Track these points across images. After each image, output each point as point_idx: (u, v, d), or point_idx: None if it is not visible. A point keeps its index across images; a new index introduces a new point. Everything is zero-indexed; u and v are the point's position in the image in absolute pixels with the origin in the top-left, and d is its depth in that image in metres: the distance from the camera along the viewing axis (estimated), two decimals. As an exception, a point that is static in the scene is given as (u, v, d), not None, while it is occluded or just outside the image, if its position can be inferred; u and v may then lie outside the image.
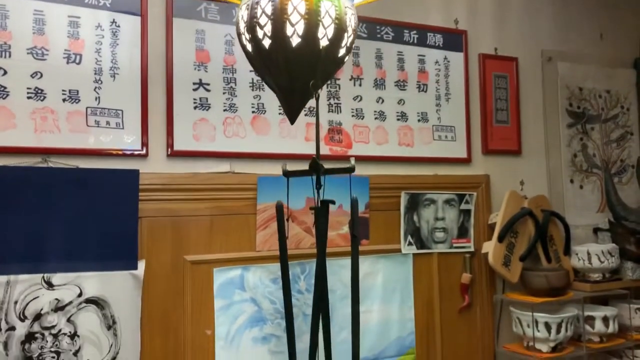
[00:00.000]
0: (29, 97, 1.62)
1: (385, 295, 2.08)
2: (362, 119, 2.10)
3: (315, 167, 1.50)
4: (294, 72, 1.34)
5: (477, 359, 2.22)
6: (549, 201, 2.39)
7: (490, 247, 2.17)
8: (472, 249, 2.24)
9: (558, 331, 2.08)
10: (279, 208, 1.59)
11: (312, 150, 1.98)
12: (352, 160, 1.52)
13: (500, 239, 2.17)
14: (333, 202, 1.54)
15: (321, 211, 1.54)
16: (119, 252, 1.67)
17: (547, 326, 2.08)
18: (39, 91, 1.63)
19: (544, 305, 2.12)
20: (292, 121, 1.45)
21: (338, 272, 1.99)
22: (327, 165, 1.93)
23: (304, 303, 1.95)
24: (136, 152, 1.75)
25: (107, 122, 1.71)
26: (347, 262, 1.76)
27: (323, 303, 1.58)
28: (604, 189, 2.55)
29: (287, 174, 1.59)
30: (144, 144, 1.75)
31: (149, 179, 1.73)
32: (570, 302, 2.22)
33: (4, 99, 1.59)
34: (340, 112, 2.07)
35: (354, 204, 1.54)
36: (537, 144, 2.49)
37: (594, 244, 2.40)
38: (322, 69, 1.36)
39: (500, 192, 2.31)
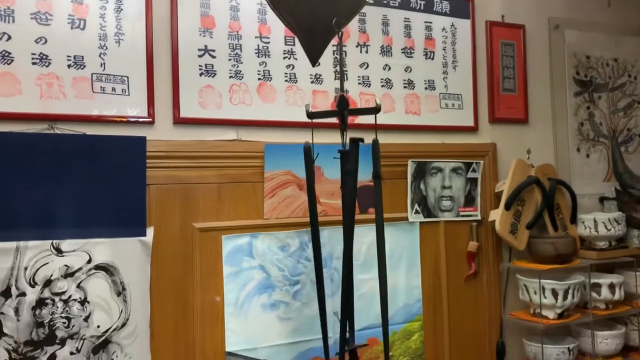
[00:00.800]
0: (33, 63, 1.60)
1: (392, 263, 2.08)
2: (369, 86, 2.08)
3: (342, 104, 1.47)
4: (317, 8, 1.30)
5: (484, 327, 2.23)
6: (555, 170, 2.38)
7: (497, 215, 2.17)
8: (478, 218, 2.24)
9: (565, 297, 2.09)
10: (307, 150, 1.57)
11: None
12: (378, 100, 1.49)
13: (507, 206, 2.16)
14: (362, 140, 1.52)
15: (352, 149, 1.52)
16: (128, 219, 1.66)
17: (554, 293, 2.09)
18: (44, 57, 1.61)
19: (550, 272, 2.12)
20: (314, 63, 1.42)
21: (345, 240, 1.98)
22: (333, 134, 1.95)
23: (311, 270, 1.94)
24: (142, 120, 1.73)
25: (113, 89, 1.70)
26: (358, 230, 1.76)
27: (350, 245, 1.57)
28: (611, 157, 2.54)
29: (311, 115, 1.58)
30: (150, 110, 1.74)
31: (156, 146, 1.72)
32: (577, 270, 2.22)
33: (8, 64, 1.57)
34: (347, 79, 2.05)
35: (375, 144, 1.53)
36: (543, 112, 2.47)
37: (600, 213, 2.40)
38: (346, 5, 1.32)
39: (506, 160, 2.30)
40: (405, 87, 2.14)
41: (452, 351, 2.16)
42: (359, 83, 2.07)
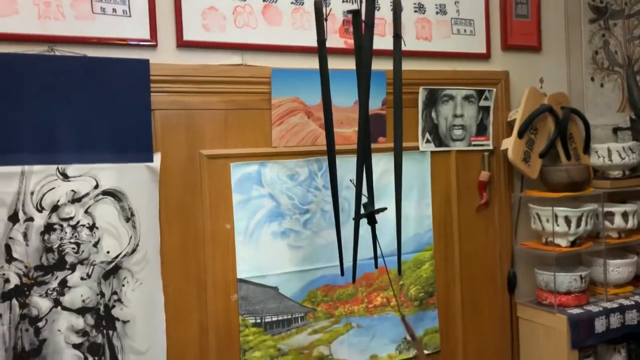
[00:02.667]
0: (29, -20, 1.53)
1: (403, 193, 2.03)
2: (378, 9, 1.99)
3: None
4: None
5: (495, 256, 2.22)
6: (568, 99, 2.32)
7: (509, 143, 2.12)
8: (490, 147, 2.19)
9: (578, 225, 2.06)
10: (318, 6, 1.50)
11: (327, 44, 1.93)
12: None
13: (520, 134, 2.11)
14: None
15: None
16: (134, 144, 1.62)
17: (567, 220, 2.06)
18: (40, -26, 1.54)
19: (563, 200, 2.09)
20: None
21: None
22: (342, 60, 1.89)
23: (321, 200, 1.93)
24: (144, 42, 1.67)
25: (114, 10, 1.63)
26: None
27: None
28: (626, 85, 2.47)
29: None
30: (153, 33, 1.67)
31: (159, 69, 1.67)
32: (589, 200, 2.19)
33: (3, -18, 1.51)
34: (353, 3, 1.97)
35: (396, 3, 1.47)
36: (557, 40, 2.39)
37: (614, 143, 2.35)
38: None
39: (519, 89, 2.24)
40: (415, 11, 2.06)
41: (462, 281, 2.15)
42: (368, 7, 1.99)
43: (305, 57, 1.89)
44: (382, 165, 1.98)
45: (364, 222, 1.65)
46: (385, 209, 1.61)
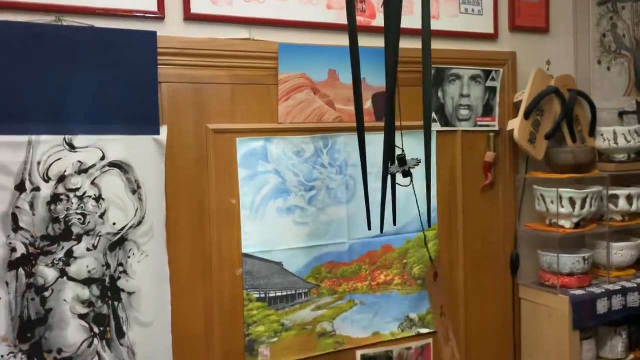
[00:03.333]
0: (36, -52, 1.52)
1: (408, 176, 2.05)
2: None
3: None
4: None
5: (499, 238, 2.22)
6: (575, 82, 2.31)
7: (516, 124, 2.12)
8: (496, 128, 2.19)
9: (582, 206, 2.07)
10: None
11: (334, 19, 1.92)
12: None
13: (527, 115, 2.11)
14: None
15: None
16: (140, 116, 1.62)
17: (572, 201, 2.06)
18: (47, -58, 1.53)
19: (568, 181, 2.09)
20: None
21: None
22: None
23: (327, 177, 1.93)
24: (152, 15, 1.66)
25: (121, -19, 1.62)
26: (373, 137, 1.72)
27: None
28: (633, 69, 2.46)
29: None
30: (160, 5, 1.67)
31: (166, 42, 1.66)
32: (594, 182, 2.18)
33: (10, -51, 1.49)
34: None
35: None
36: (565, 22, 2.38)
37: (620, 126, 2.34)
38: None
39: (526, 71, 2.23)
40: (424, -11, 2.04)
41: (466, 260, 2.16)
42: (376, -16, 1.97)
43: (313, 33, 1.88)
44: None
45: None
46: (419, 161, 1.56)
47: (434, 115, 2.08)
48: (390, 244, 2.02)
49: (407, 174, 1.50)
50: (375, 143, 1.82)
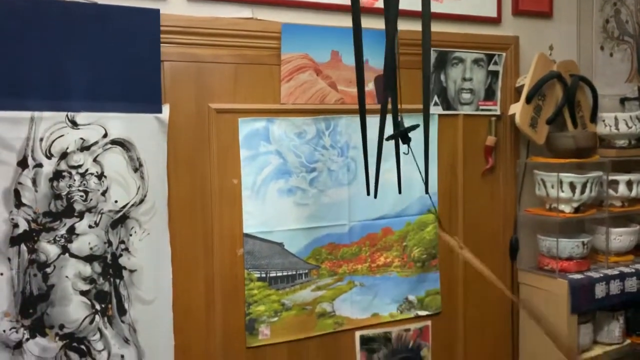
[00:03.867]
0: None
1: (408, 155, 2.05)
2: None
3: None
4: None
5: (499, 222, 2.23)
6: (577, 67, 2.31)
7: (517, 109, 2.12)
8: (498, 112, 2.19)
9: (582, 191, 2.07)
10: None
11: (337, 0, 1.91)
12: None
13: (528, 100, 2.11)
14: None
15: None
16: (143, 94, 1.62)
17: (572, 186, 2.07)
18: None
19: (569, 166, 2.10)
20: None
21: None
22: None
23: (328, 159, 1.93)
24: (155, -8, 1.66)
25: (124, -43, 1.61)
26: (375, 120, 1.71)
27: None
28: (636, 55, 2.46)
29: None
30: (163, -17, 1.66)
31: (169, 20, 1.65)
32: (595, 168, 2.19)
33: None
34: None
35: None
36: (568, 6, 2.37)
37: (621, 112, 2.34)
38: None
39: (528, 56, 2.22)
40: (427, -29, 2.03)
41: (466, 244, 2.12)
42: (379, -35, 1.97)
43: (316, 13, 1.88)
44: (389, 126, 1.97)
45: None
46: (417, 125, 1.56)
47: (436, 98, 2.08)
48: (390, 227, 2.03)
49: (405, 138, 1.49)
50: (373, 125, 1.83)
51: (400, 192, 1.66)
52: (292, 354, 1.88)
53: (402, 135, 1.51)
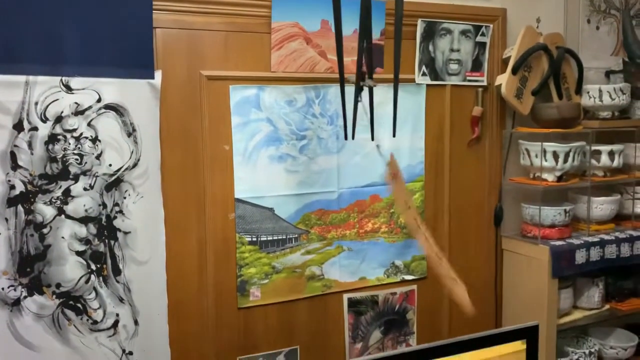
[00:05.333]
0: None
1: (397, 124, 2.09)
2: (380, -62, 2.00)
3: None
4: None
5: (484, 190, 2.29)
6: (564, 39, 2.35)
7: (503, 79, 2.16)
8: (484, 83, 2.23)
9: (565, 160, 2.13)
10: None
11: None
12: None
13: (514, 71, 2.15)
14: None
15: None
16: (136, 60, 1.65)
17: (555, 155, 2.13)
18: None
19: (553, 135, 2.15)
20: None
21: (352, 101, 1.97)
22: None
23: (318, 127, 1.97)
24: (146, -41, 1.68)
25: None
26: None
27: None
28: (621, 28, 2.50)
29: None
30: (155, -50, 1.68)
31: (162, -13, 1.68)
32: (579, 138, 2.24)
33: None
34: None
35: None
36: (556, -21, 2.41)
37: (605, 85, 2.39)
38: None
39: (516, 28, 2.26)
40: (417, -58, 2.06)
41: (451, 212, 2.23)
42: None
43: (306, -17, 1.90)
44: (378, 96, 2.01)
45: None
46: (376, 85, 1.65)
47: (424, 68, 2.12)
48: (378, 194, 2.08)
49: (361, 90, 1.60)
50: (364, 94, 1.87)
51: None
52: (282, 314, 1.95)
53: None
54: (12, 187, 1.54)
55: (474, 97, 2.22)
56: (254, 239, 1.88)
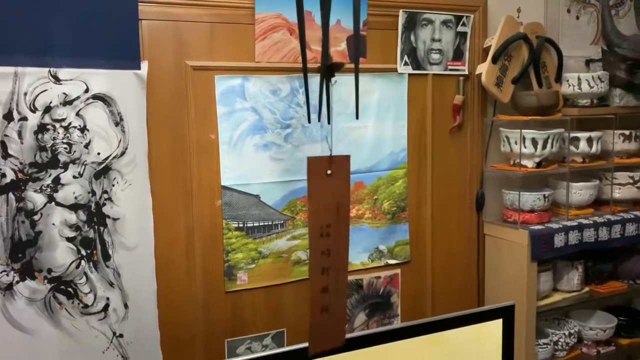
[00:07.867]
0: None
1: (379, 113, 2.15)
2: None
3: None
4: None
5: (465, 177, 2.34)
6: (544, 29, 2.40)
7: (484, 68, 2.22)
8: (466, 72, 2.29)
9: (544, 147, 2.19)
10: None
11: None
12: None
13: (495, 59, 2.20)
14: None
15: None
16: (122, 51, 1.69)
17: (534, 142, 2.18)
18: None
19: (532, 123, 2.21)
20: None
21: (336, 89, 2.03)
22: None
23: (302, 115, 2.02)
24: (132, -48, 1.72)
25: None
26: (346, 79, 1.80)
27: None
28: (600, 17, 2.55)
29: None
30: (139, -58, 1.72)
31: (147, -20, 1.72)
32: (558, 125, 2.30)
33: None
34: None
35: None
36: (537, -31, 2.46)
37: (584, 73, 2.45)
38: None
39: (496, 17, 2.31)
40: None
41: (434, 199, 2.28)
42: None
43: (290, -26, 1.94)
44: (361, 86, 2.05)
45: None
46: (343, 64, 1.61)
47: (406, 58, 2.17)
48: (362, 181, 2.14)
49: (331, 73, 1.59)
50: (347, 84, 1.93)
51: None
52: (269, 298, 2.01)
53: (328, 69, 1.58)
54: (3, 175, 1.58)
55: (455, 86, 2.28)
56: (241, 225, 1.94)
